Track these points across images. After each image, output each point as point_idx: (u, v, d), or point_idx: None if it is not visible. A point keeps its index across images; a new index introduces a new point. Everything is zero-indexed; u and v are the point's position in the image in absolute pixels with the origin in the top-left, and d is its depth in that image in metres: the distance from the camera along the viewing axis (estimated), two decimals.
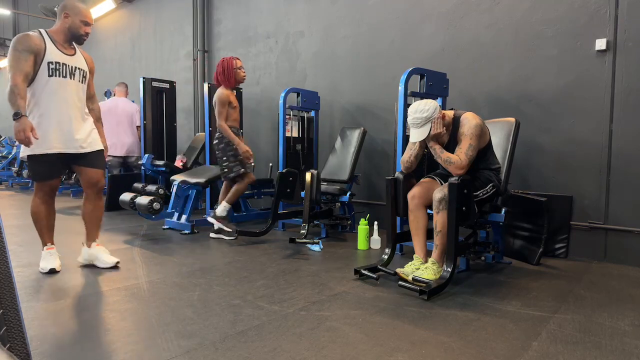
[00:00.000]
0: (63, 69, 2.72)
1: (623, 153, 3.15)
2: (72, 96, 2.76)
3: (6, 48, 14.15)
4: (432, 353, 1.73)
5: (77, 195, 7.44)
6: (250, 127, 5.97)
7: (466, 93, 3.92)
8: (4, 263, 0.91)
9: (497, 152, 2.91)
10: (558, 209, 3.37)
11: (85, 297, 2.37)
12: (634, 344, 1.84)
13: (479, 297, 2.41)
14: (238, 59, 4.02)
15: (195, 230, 4.26)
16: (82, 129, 2.82)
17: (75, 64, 2.80)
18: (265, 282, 2.66)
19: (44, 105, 2.67)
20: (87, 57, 2.94)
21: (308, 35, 5.28)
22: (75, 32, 2.77)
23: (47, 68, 2.65)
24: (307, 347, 1.78)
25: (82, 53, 2.90)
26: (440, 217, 2.55)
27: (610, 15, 3.17)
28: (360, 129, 4.40)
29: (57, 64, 2.69)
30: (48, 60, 2.66)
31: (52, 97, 2.68)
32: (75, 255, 3.20)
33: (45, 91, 2.67)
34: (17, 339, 0.92)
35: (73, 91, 2.77)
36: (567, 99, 3.38)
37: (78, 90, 2.81)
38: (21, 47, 2.57)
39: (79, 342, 1.81)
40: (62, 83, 2.71)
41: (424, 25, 4.20)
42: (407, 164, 2.80)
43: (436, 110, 2.60)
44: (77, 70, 2.80)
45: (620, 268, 3.07)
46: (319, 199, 3.79)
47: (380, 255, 3.34)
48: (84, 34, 2.80)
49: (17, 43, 2.58)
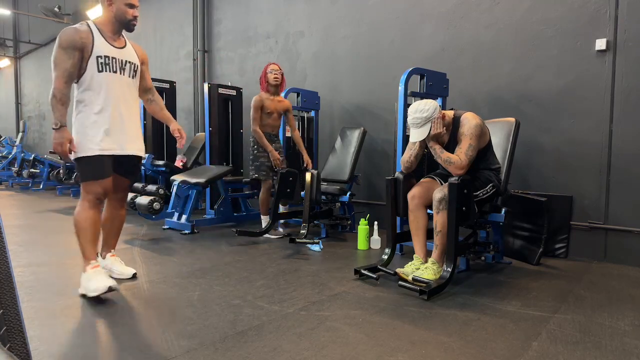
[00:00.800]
0: (113, 63, 2.46)
1: (623, 153, 3.15)
2: (123, 92, 2.52)
3: (6, 48, 14.16)
4: (432, 353, 1.73)
5: (76, 195, 7.44)
6: (251, 127, 5.96)
7: (466, 93, 3.92)
8: (4, 263, 0.91)
9: (497, 152, 2.91)
10: (558, 209, 3.37)
11: (85, 297, 2.36)
12: (634, 344, 1.84)
13: (479, 297, 2.41)
14: (274, 63, 4.08)
15: (196, 230, 4.26)
16: (133, 129, 2.58)
17: (126, 57, 2.54)
18: (265, 282, 2.66)
19: (95, 103, 2.42)
20: (138, 48, 2.67)
21: (308, 35, 5.28)
22: (123, 19, 2.48)
23: (95, 62, 2.40)
24: (307, 347, 1.78)
25: (132, 45, 2.64)
26: (440, 217, 2.55)
27: (610, 15, 3.17)
28: (360, 129, 4.40)
29: (106, 58, 2.43)
30: (97, 54, 2.40)
31: (103, 94, 2.43)
32: (74, 255, 3.19)
33: (95, 88, 2.42)
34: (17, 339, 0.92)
35: (124, 87, 2.53)
36: (567, 99, 3.38)
37: (129, 85, 2.57)
38: (66, 43, 2.32)
39: (79, 342, 1.81)
40: (113, 78, 2.47)
41: (424, 25, 4.20)
42: (407, 164, 2.80)
43: (436, 110, 2.60)
44: (128, 64, 2.54)
45: (620, 268, 3.07)
46: (318, 199, 3.79)
47: (380, 255, 3.34)
48: (132, 19, 2.50)
49: (62, 39, 2.32)
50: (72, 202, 6.58)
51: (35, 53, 12.95)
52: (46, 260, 3.14)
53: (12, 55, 14.24)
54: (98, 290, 2.26)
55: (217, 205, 4.71)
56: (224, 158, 5.38)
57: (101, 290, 2.25)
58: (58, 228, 4.43)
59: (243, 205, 5.14)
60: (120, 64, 2.50)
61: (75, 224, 2.43)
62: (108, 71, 2.44)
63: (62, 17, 10.44)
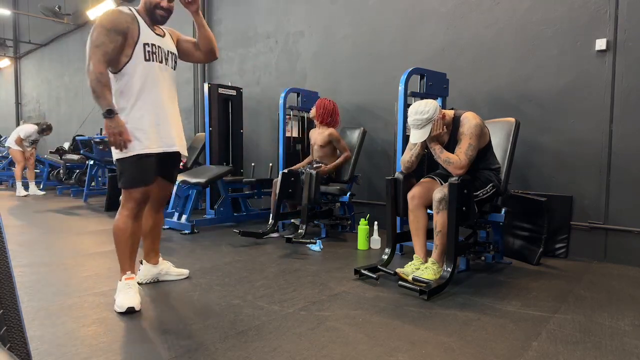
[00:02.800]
0: (159, 52, 2.24)
1: (623, 153, 3.15)
2: (169, 85, 2.32)
3: (6, 48, 14.14)
4: (432, 353, 1.73)
5: (77, 195, 7.44)
6: (251, 127, 5.97)
7: (466, 93, 3.92)
8: (4, 263, 0.91)
9: (497, 152, 2.91)
10: (558, 209, 3.37)
11: (86, 297, 2.37)
12: (634, 344, 1.84)
13: (479, 297, 2.41)
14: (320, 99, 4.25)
15: (196, 230, 4.26)
16: (177, 126, 2.38)
17: (168, 47, 2.33)
18: (265, 282, 2.66)
19: (143, 96, 2.20)
20: (172, 32, 2.45)
21: (308, 35, 5.28)
22: (150, 8, 2.23)
23: (142, 50, 2.17)
24: (307, 347, 1.78)
25: (171, 34, 2.41)
26: (440, 217, 2.55)
27: (610, 15, 3.17)
28: (360, 129, 4.40)
29: (153, 47, 2.21)
30: (144, 41, 2.17)
31: (152, 86, 2.22)
32: (74, 255, 3.20)
33: (141, 79, 2.18)
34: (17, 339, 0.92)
35: (168, 79, 2.32)
36: (567, 99, 3.38)
37: (172, 77, 2.37)
38: (110, 24, 2.07)
39: (79, 342, 1.81)
40: (160, 69, 2.26)
41: (424, 25, 4.20)
42: (407, 164, 2.80)
43: (437, 110, 2.60)
44: (170, 55, 2.34)
45: (620, 268, 3.07)
46: (318, 199, 3.79)
47: (380, 255, 3.34)
48: (156, 4, 2.22)
49: (105, 20, 2.08)
50: (72, 202, 6.58)
51: (35, 53, 12.95)
52: (46, 260, 3.14)
53: (12, 55, 14.24)
54: (121, 307, 2.14)
55: (217, 205, 4.71)
56: (224, 158, 5.38)
57: (122, 309, 2.13)
58: (58, 228, 4.43)
59: (243, 205, 5.14)
60: (165, 54, 2.29)
61: (114, 234, 2.25)
62: (155, 60, 2.22)
63: (62, 17, 10.44)
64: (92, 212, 5.63)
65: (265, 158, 5.82)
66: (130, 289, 2.21)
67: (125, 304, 2.14)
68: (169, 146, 2.31)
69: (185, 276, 2.68)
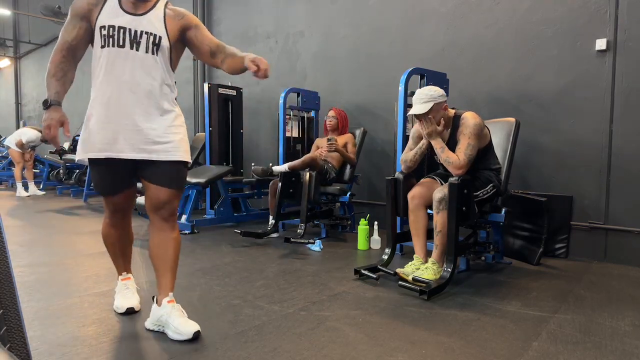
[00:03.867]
0: (120, 34, 1.84)
1: (623, 153, 3.15)
2: (132, 75, 1.86)
3: (6, 48, 14.15)
4: (432, 353, 1.73)
5: (77, 195, 7.44)
6: (251, 127, 5.97)
7: (466, 93, 3.92)
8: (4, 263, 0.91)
9: (497, 152, 2.91)
10: (558, 209, 3.37)
11: (86, 297, 2.37)
12: (634, 344, 1.84)
13: (479, 297, 2.41)
14: (332, 109, 4.35)
15: (196, 230, 4.26)
16: (150, 125, 1.88)
17: (143, 27, 1.87)
18: (265, 282, 2.66)
19: (96, 89, 1.89)
20: (177, 12, 1.97)
21: (308, 35, 5.28)
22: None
23: (99, 35, 1.85)
24: (307, 347, 1.78)
25: (168, 8, 1.95)
26: (440, 217, 2.55)
27: (610, 15, 3.17)
28: (360, 129, 4.40)
29: (110, 29, 1.83)
30: (100, 24, 1.84)
31: (105, 76, 1.86)
32: (74, 255, 3.20)
33: (97, 69, 1.89)
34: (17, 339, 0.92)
35: (139, 67, 1.86)
36: (567, 99, 3.38)
37: (143, 65, 1.87)
38: (72, 10, 1.88)
39: (79, 342, 1.81)
40: (119, 56, 1.85)
41: (424, 25, 4.20)
42: (409, 163, 2.80)
43: (442, 96, 2.63)
44: (145, 36, 1.87)
45: (620, 268, 3.07)
46: (317, 199, 3.79)
47: (380, 255, 3.34)
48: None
49: (72, 5, 1.89)
50: (72, 202, 6.58)
51: (35, 53, 12.95)
52: (46, 260, 3.14)
53: (12, 55, 14.24)
54: (120, 308, 2.11)
55: (217, 205, 4.71)
56: (224, 158, 5.38)
57: (121, 310, 2.10)
58: (58, 228, 4.43)
59: (243, 205, 5.14)
60: (133, 36, 1.85)
61: (102, 238, 2.14)
62: (112, 45, 1.84)
63: (62, 17, 10.43)
64: (92, 212, 5.63)
65: (265, 158, 5.82)
66: (127, 290, 2.17)
67: (125, 304, 2.12)
68: (117, 151, 1.86)
69: (188, 337, 1.83)
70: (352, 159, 4.17)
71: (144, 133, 1.87)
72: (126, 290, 2.17)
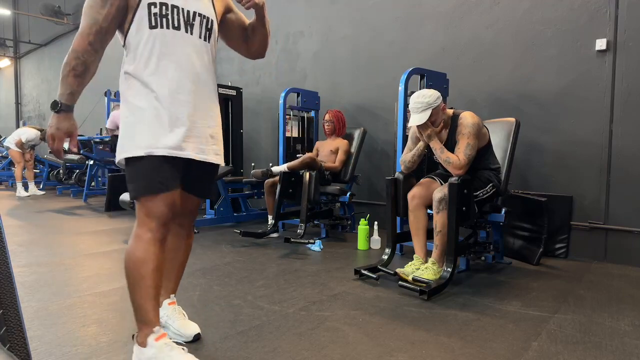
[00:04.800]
0: (175, 14, 1.54)
1: (623, 153, 3.15)
2: (192, 62, 1.59)
3: (6, 48, 14.14)
4: (432, 353, 1.73)
5: (77, 195, 7.44)
6: (251, 127, 5.97)
7: (466, 93, 3.92)
8: (4, 263, 0.92)
9: (497, 152, 2.91)
10: (558, 209, 3.37)
11: (86, 297, 2.37)
12: (634, 344, 1.84)
13: (479, 297, 2.41)
14: (328, 112, 4.34)
15: (196, 230, 4.26)
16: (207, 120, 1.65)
17: (196, 7, 1.59)
18: (265, 282, 2.66)
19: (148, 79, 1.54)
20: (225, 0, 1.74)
21: (308, 35, 5.28)
22: None
23: (147, 14, 1.51)
24: (307, 347, 1.78)
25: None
26: (440, 217, 2.55)
27: (610, 15, 3.17)
28: (360, 129, 4.40)
29: (163, 7, 1.52)
30: (149, 0, 1.51)
31: (162, 64, 1.54)
32: (74, 255, 3.20)
33: (145, 53, 1.53)
34: (17, 339, 0.92)
35: (192, 53, 1.59)
36: (567, 99, 3.38)
37: (200, 51, 1.62)
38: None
39: (79, 342, 1.81)
40: (175, 38, 1.55)
41: (424, 25, 4.20)
42: (408, 164, 2.80)
43: (438, 98, 2.60)
44: (198, 17, 1.60)
45: (620, 268, 3.07)
46: (317, 199, 3.79)
47: (380, 255, 3.34)
48: None
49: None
50: (72, 202, 6.58)
51: (35, 53, 12.95)
52: (46, 260, 3.14)
53: (12, 55, 14.24)
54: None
55: (217, 205, 4.71)
56: (224, 158, 5.37)
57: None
58: (58, 228, 4.43)
59: (243, 205, 5.14)
60: (187, 17, 1.57)
61: (128, 267, 1.53)
62: (165, 27, 1.54)
63: (62, 17, 10.44)
64: (92, 212, 5.63)
65: (265, 158, 5.82)
66: (172, 351, 1.51)
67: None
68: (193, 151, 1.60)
69: (189, 339, 1.79)
70: (335, 167, 4.19)
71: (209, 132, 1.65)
72: (171, 352, 1.52)
